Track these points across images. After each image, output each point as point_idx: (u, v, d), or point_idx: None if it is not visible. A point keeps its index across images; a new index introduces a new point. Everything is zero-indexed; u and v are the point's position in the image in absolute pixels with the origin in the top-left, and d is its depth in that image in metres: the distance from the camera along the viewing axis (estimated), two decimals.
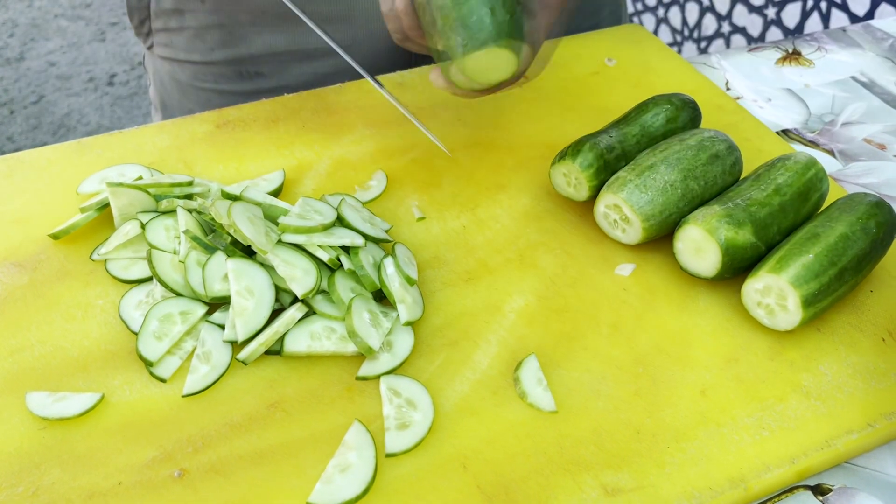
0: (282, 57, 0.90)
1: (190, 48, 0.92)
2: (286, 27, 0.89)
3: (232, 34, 0.89)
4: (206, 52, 0.91)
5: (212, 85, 0.94)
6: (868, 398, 0.59)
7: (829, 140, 0.86)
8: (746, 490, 0.54)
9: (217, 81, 0.93)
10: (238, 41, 0.89)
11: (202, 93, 0.95)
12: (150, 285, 0.64)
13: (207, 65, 0.93)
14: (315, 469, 0.54)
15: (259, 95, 0.92)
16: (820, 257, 0.61)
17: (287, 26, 0.89)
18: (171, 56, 0.95)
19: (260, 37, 0.89)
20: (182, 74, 0.95)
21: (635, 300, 0.65)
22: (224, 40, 0.90)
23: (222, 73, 0.93)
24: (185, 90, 0.96)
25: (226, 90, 0.94)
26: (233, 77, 0.93)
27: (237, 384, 0.59)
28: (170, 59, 0.95)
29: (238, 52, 0.91)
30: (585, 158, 0.69)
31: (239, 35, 0.89)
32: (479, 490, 0.53)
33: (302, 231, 0.63)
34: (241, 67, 0.92)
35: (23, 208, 0.72)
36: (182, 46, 0.93)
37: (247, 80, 0.92)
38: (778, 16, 2.01)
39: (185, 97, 0.97)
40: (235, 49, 0.90)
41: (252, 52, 0.90)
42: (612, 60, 0.92)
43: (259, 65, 0.91)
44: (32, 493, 0.52)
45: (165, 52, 0.95)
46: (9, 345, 0.61)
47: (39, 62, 3.02)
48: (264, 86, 0.92)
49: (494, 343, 0.62)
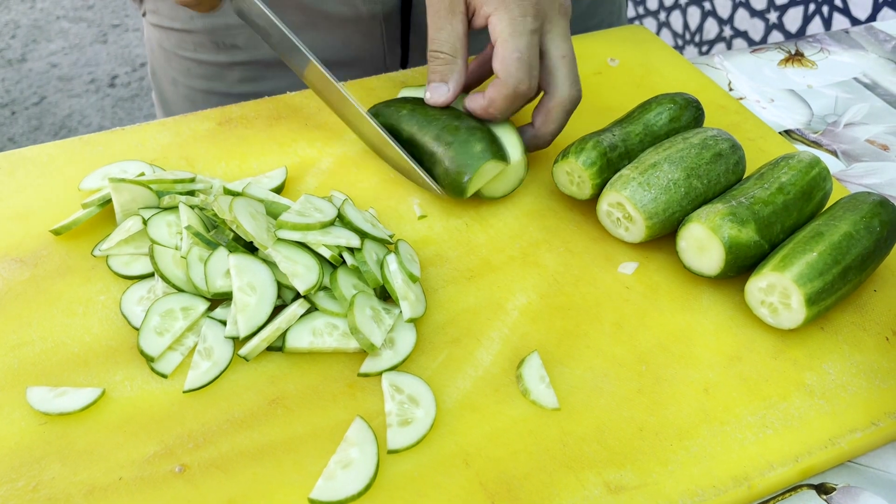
0: None
1: (173, 15, 0.95)
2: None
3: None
4: (187, 21, 0.94)
5: (191, 54, 0.96)
6: (872, 397, 0.59)
7: (832, 141, 0.86)
8: (750, 488, 0.53)
9: (196, 50, 0.96)
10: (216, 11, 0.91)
11: (183, 61, 0.97)
12: (151, 281, 0.64)
13: (188, 33, 0.95)
14: (316, 465, 0.54)
15: (234, 67, 0.94)
16: (824, 256, 0.60)
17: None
18: (159, 23, 0.97)
19: (248, 27, 0.90)
20: (167, 42, 0.98)
21: (638, 298, 0.65)
22: None
23: (201, 42, 0.95)
24: (169, 58, 0.99)
25: (203, 60, 0.96)
26: (210, 47, 0.95)
27: (238, 380, 0.58)
28: (157, 25, 0.98)
29: (215, 22, 0.92)
30: (589, 156, 0.69)
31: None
32: (481, 487, 0.53)
33: (299, 228, 0.62)
34: (217, 38, 0.94)
35: (24, 204, 0.72)
36: (167, 14, 0.95)
37: (223, 51, 0.94)
38: (780, 20, 2.01)
39: (170, 65, 0.99)
40: (212, 18, 0.92)
41: (228, 21, 0.92)
42: (615, 60, 0.92)
43: (234, 37, 0.93)
44: (33, 487, 0.52)
45: (154, 18, 0.98)
46: (10, 340, 0.61)
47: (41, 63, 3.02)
48: (239, 58, 0.94)
49: (497, 340, 0.62)
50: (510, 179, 0.71)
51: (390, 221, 0.72)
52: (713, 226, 0.62)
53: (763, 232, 0.63)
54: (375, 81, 0.87)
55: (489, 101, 0.70)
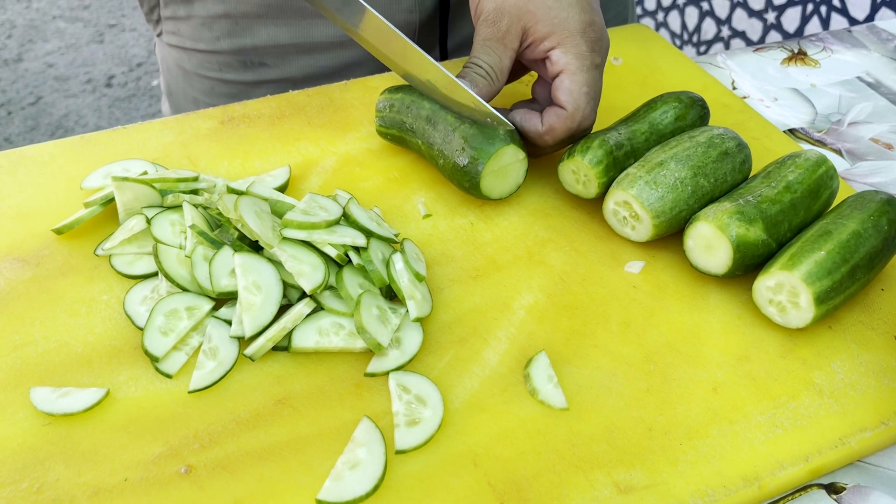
0: (286, 49, 0.91)
1: (196, 37, 0.93)
2: (291, 20, 0.89)
3: (238, 24, 0.90)
4: (212, 42, 0.92)
5: (216, 74, 0.94)
6: (881, 396, 0.58)
7: (837, 139, 0.86)
8: (760, 488, 0.53)
9: (221, 70, 0.94)
10: (243, 32, 0.90)
11: (206, 81, 0.96)
12: (154, 280, 0.63)
13: (213, 53, 0.93)
14: (323, 466, 0.53)
15: (262, 85, 0.92)
16: (832, 254, 0.60)
17: (292, 19, 0.89)
18: (178, 44, 0.95)
19: (265, 28, 0.89)
20: (188, 62, 0.96)
21: (645, 297, 0.65)
22: (230, 30, 0.90)
23: (227, 62, 0.93)
24: (189, 78, 0.97)
25: (230, 79, 0.94)
26: (237, 66, 0.93)
27: (244, 380, 0.58)
28: (177, 46, 0.96)
29: (243, 43, 0.91)
30: (595, 155, 0.68)
31: (244, 25, 0.90)
32: (490, 487, 0.52)
33: (305, 227, 0.62)
34: (245, 57, 0.92)
35: (26, 203, 0.71)
36: (189, 35, 0.93)
37: (250, 69, 0.93)
38: (778, 20, 2.01)
39: (190, 85, 0.97)
40: (240, 39, 0.91)
41: (256, 43, 0.90)
42: (619, 59, 0.92)
43: (263, 56, 0.92)
44: (37, 489, 0.51)
45: (173, 39, 0.96)
46: (12, 340, 0.60)
47: (37, 63, 3.01)
48: (267, 76, 0.93)
49: (504, 340, 0.61)
50: (510, 180, 0.70)
51: (395, 220, 0.71)
52: (721, 224, 0.62)
53: (771, 230, 0.63)
54: (378, 80, 0.87)
55: (548, 129, 0.69)
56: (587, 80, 0.68)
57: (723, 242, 0.62)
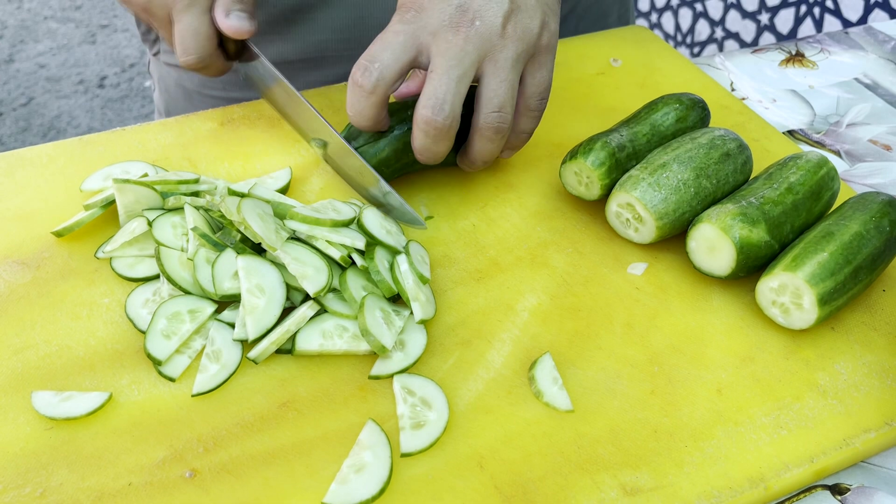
0: (292, 65, 0.89)
1: None
2: (295, 36, 0.88)
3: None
4: None
5: (220, 92, 0.93)
6: (885, 397, 0.59)
7: (835, 141, 0.86)
8: (766, 490, 0.53)
9: (225, 88, 0.93)
10: None
11: (208, 99, 0.94)
12: (156, 283, 0.63)
13: None
14: (328, 469, 0.53)
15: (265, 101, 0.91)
16: (835, 255, 0.60)
17: (296, 35, 0.88)
18: (178, 63, 0.94)
19: (271, 45, 0.88)
20: (189, 81, 0.94)
21: (648, 299, 0.65)
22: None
23: (231, 80, 0.92)
24: (190, 97, 0.95)
25: (234, 97, 0.92)
26: (241, 84, 0.92)
27: (248, 383, 0.58)
28: (177, 65, 0.94)
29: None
30: (597, 157, 0.68)
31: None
32: (496, 490, 0.52)
33: (308, 221, 0.62)
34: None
35: (25, 205, 0.70)
36: None
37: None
38: (771, 21, 2.02)
39: (191, 104, 0.96)
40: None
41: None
42: (618, 61, 0.92)
43: None
44: (40, 494, 0.51)
45: (172, 59, 0.94)
46: (13, 343, 0.60)
47: (29, 64, 2.99)
48: None
49: (508, 342, 0.61)
50: None
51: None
52: (724, 226, 0.62)
53: (773, 232, 0.63)
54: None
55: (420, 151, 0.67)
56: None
57: (726, 244, 0.62)
